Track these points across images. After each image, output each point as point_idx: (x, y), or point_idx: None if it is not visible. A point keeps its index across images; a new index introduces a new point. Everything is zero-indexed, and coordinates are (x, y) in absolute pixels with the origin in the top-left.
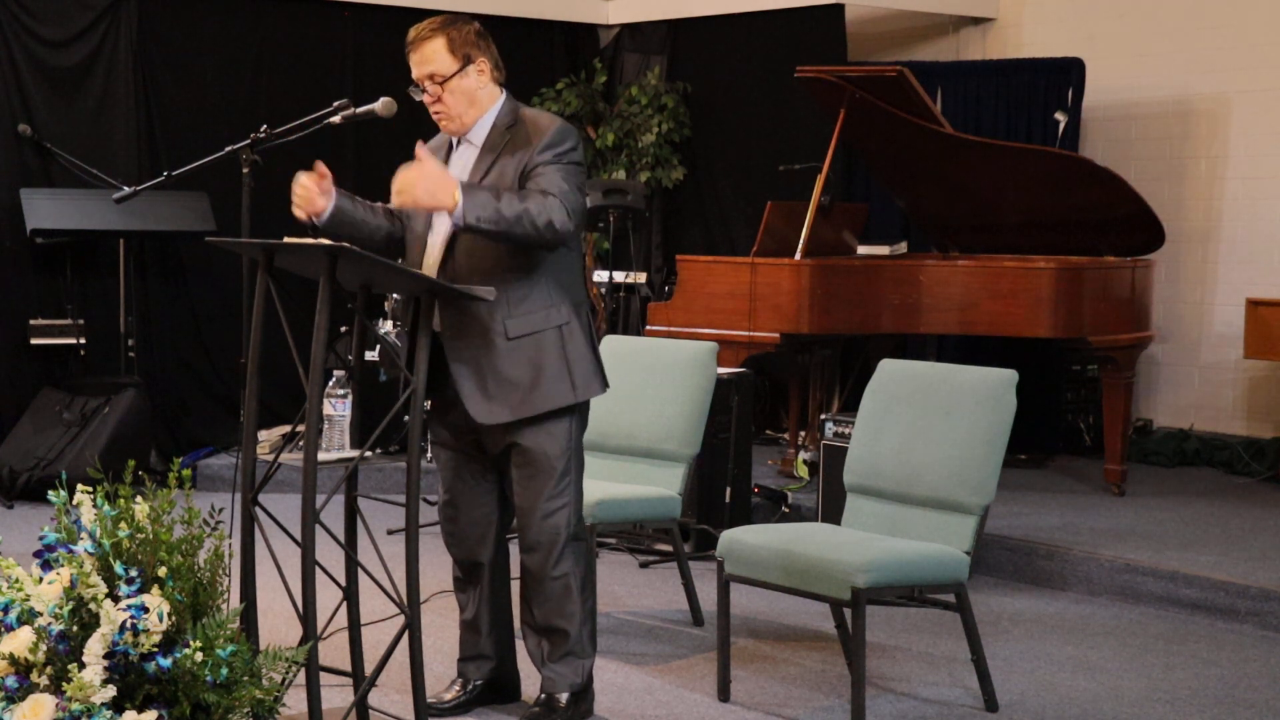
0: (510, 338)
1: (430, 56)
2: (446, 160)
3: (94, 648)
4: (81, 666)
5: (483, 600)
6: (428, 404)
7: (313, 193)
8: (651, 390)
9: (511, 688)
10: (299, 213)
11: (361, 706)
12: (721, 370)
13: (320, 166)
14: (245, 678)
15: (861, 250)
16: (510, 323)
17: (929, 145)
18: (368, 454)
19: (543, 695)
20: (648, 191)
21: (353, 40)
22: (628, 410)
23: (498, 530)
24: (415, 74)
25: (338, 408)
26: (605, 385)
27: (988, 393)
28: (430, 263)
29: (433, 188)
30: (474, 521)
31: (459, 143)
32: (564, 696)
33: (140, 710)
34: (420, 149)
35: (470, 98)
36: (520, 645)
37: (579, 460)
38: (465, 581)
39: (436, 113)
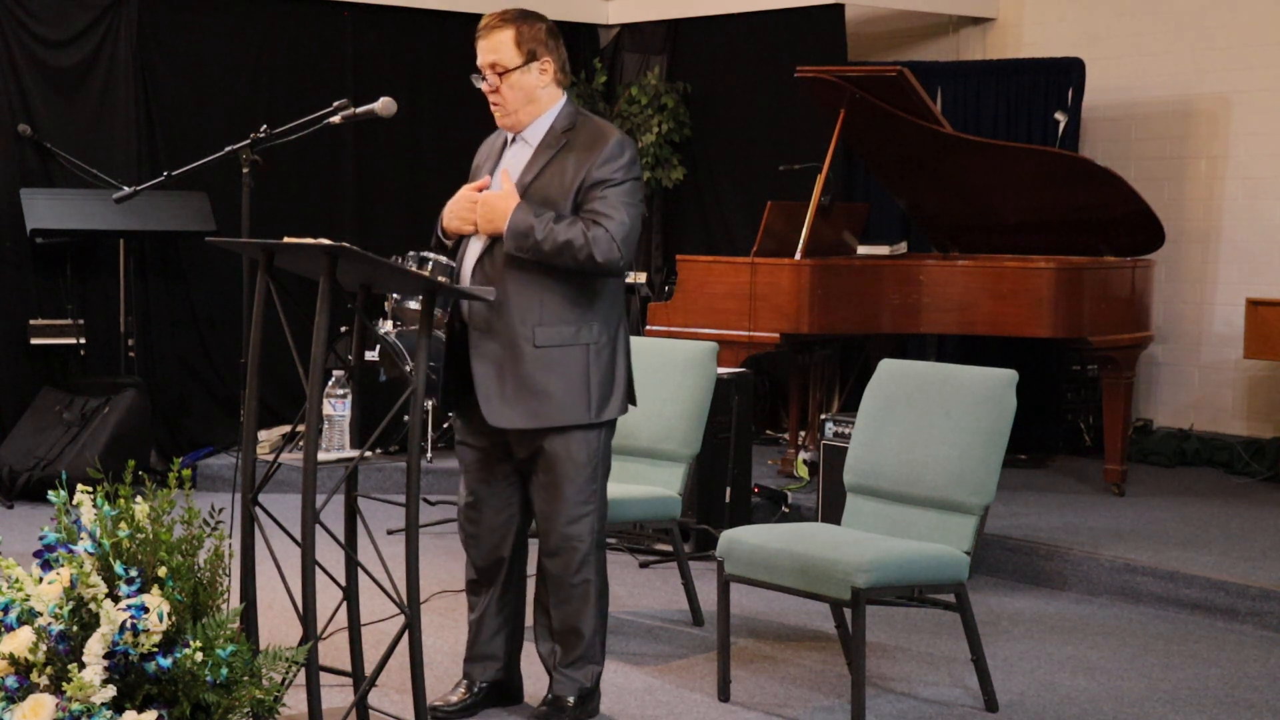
0: (537, 345)
1: (496, 46)
2: (499, 158)
3: (94, 648)
4: (81, 666)
5: (495, 600)
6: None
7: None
8: (651, 390)
9: (515, 691)
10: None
11: (361, 706)
12: (721, 370)
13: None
14: (245, 678)
15: (861, 250)
16: (540, 331)
17: (929, 145)
18: (368, 454)
19: (550, 696)
20: (648, 192)
21: (353, 40)
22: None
23: (519, 531)
24: (479, 61)
25: (338, 408)
26: (626, 407)
27: (988, 393)
28: (470, 256)
29: (491, 215)
30: (497, 524)
31: (513, 140)
32: (571, 699)
33: (140, 710)
34: (504, 178)
35: (529, 95)
36: (526, 648)
37: (606, 468)
38: (480, 583)
39: (494, 104)
